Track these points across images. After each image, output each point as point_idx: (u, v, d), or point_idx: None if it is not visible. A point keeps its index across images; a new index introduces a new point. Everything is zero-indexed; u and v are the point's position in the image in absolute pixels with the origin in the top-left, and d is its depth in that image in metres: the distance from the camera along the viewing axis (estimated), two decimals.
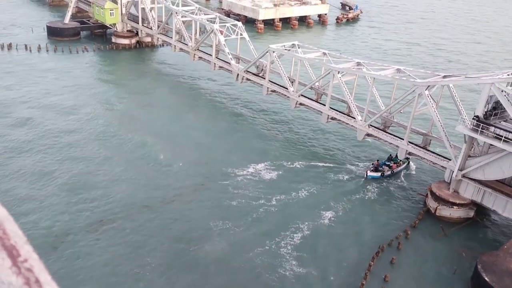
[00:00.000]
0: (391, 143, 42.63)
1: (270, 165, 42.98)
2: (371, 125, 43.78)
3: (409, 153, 41.13)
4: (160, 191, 37.88)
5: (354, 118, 44.74)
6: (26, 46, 69.02)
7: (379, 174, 42.29)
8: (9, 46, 68.72)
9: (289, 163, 43.60)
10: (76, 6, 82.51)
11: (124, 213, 34.80)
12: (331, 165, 44.05)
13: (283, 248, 32.40)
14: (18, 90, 55.18)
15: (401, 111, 45.41)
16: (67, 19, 77.25)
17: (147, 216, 34.58)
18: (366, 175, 42.10)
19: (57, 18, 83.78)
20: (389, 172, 42.65)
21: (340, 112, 47.14)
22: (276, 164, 43.14)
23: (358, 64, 46.24)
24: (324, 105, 47.51)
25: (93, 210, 34.78)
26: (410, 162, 44.96)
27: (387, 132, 43.50)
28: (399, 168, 43.73)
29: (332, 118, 47.22)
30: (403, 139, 41.16)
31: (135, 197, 36.85)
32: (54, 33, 74.95)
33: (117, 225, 33.33)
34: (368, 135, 44.07)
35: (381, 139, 43.37)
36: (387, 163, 43.78)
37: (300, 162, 43.89)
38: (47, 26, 76.20)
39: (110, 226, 33.14)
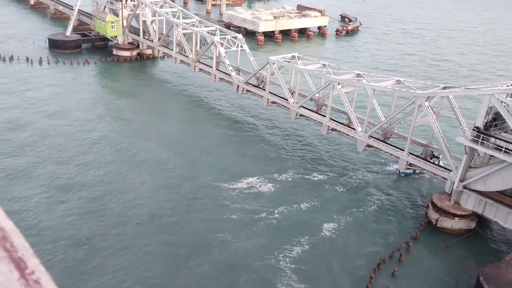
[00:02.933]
0: (391, 154, 42.63)
1: (270, 177, 42.91)
2: (371, 136, 43.83)
3: (410, 164, 41.10)
4: (154, 205, 37.46)
5: (354, 129, 44.81)
6: (27, 58, 69.43)
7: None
8: (11, 58, 69.13)
9: (288, 174, 43.55)
10: (78, 19, 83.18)
11: (117, 229, 34.06)
12: (332, 176, 44.01)
13: (283, 261, 32.18)
14: (18, 102, 55.31)
15: (402, 122, 45.50)
16: (68, 32, 77.81)
17: (141, 232, 34.15)
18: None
19: (58, 30, 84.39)
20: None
21: (340, 123, 47.22)
22: (275, 176, 43.08)
23: (358, 75, 46.46)
24: (324, 116, 47.63)
25: (81, 227, 34.18)
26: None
27: (387, 143, 43.52)
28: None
29: (332, 129, 47.31)
30: (403, 150, 41.16)
31: (131, 212, 36.68)
32: (55, 45, 75.45)
33: (107, 244, 32.44)
34: (369, 146, 44.08)
35: (381, 150, 43.38)
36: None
37: (300, 174, 43.85)
38: (49, 39, 76.73)
39: (102, 244, 32.65)
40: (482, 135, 34.12)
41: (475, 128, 34.75)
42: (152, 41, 71.58)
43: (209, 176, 42.19)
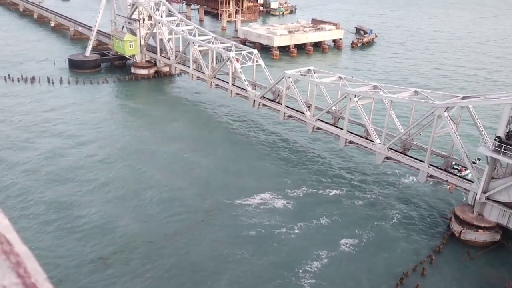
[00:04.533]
0: (411, 166, 41.99)
1: (285, 192, 42.66)
2: (390, 148, 43.33)
3: (430, 176, 40.39)
4: (168, 223, 37.40)
5: (373, 141, 44.38)
6: (48, 79, 71.13)
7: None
8: (32, 79, 70.96)
9: (303, 189, 43.23)
10: (97, 39, 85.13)
11: (131, 247, 33.97)
12: (349, 190, 43.53)
13: (303, 278, 31.74)
14: (40, 121, 56.54)
15: (421, 134, 44.89)
16: (88, 52, 79.62)
17: (155, 251, 34.06)
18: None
19: (78, 51, 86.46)
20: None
21: (358, 135, 46.86)
22: (290, 191, 42.81)
23: (375, 87, 46.17)
24: (342, 129, 47.36)
25: (92, 247, 34.15)
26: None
27: (407, 155, 42.93)
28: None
29: (350, 142, 46.96)
30: (423, 162, 40.52)
31: (145, 230, 36.72)
32: (75, 65, 77.22)
33: (121, 264, 32.26)
34: (388, 158, 43.55)
35: (401, 162, 42.79)
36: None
37: (316, 189, 43.49)
38: (69, 59, 78.60)
39: (119, 262, 32.76)
40: (504, 145, 33.39)
41: (496, 138, 34.05)
42: (169, 58, 72.68)
43: (224, 192, 42.16)
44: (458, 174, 40.74)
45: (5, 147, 49.18)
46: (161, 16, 75.11)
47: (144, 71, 76.66)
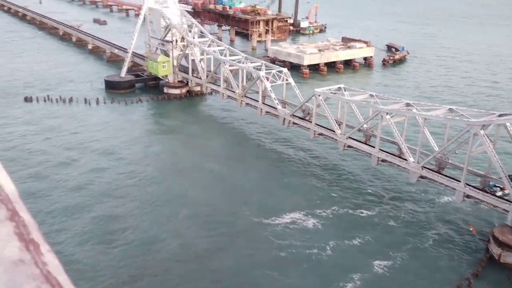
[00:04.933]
0: (447, 186, 40.71)
1: (314, 211, 42.05)
2: (424, 167, 42.22)
3: (467, 196, 38.99)
4: (197, 242, 37.36)
5: (406, 160, 43.41)
6: (85, 99, 73.56)
7: None
8: (70, 100, 73.55)
9: (334, 209, 42.51)
10: (132, 61, 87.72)
11: (160, 267, 33.98)
12: (382, 210, 42.52)
13: None
14: (78, 140, 58.35)
15: (456, 152, 43.57)
16: (123, 73, 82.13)
17: (184, 271, 33.87)
18: None
19: (114, 72, 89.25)
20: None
21: (390, 153, 45.97)
22: (321, 211, 42.16)
23: (408, 104, 45.38)
24: (374, 147, 46.61)
25: (130, 265, 34.60)
26: None
27: (442, 174, 41.68)
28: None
29: (383, 160, 46.09)
30: (459, 181, 39.22)
31: (174, 249, 36.79)
32: (111, 86, 79.69)
33: (152, 285, 32.35)
34: (422, 177, 42.41)
35: (436, 181, 41.57)
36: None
37: (347, 208, 42.69)
38: (105, 80, 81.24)
39: (151, 280, 32.89)
40: None
41: None
42: (200, 78, 74.01)
43: (252, 210, 41.96)
44: (500, 193, 39.06)
45: (47, 164, 50.83)
46: (194, 38, 76.87)
47: (176, 91, 78.25)
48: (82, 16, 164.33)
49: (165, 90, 78.81)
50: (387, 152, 46.08)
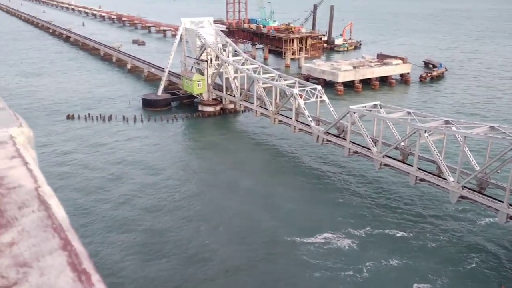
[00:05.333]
0: (489, 206, 38.89)
1: (348, 231, 41.06)
2: (465, 187, 40.58)
3: (511, 217, 37.05)
4: (228, 259, 37.10)
5: (445, 179, 41.89)
6: (124, 117, 75.69)
7: None
8: (109, 117, 75.85)
9: (369, 228, 41.36)
10: (168, 79, 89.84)
11: (192, 284, 34.09)
12: (421, 230, 41.01)
13: None
14: (116, 157, 59.87)
15: (499, 171, 41.69)
16: (160, 91, 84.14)
17: (221, 285, 33.88)
18: None
19: (151, 90, 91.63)
20: None
21: (429, 172, 44.52)
22: (354, 230, 41.10)
23: (447, 122, 44.04)
24: (411, 165, 45.30)
25: (171, 278, 35.07)
26: None
27: (484, 194, 39.89)
28: None
29: (421, 180, 44.67)
30: (502, 202, 37.38)
31: (204, 266, 36.66)
32: (148, 104, 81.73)
33: None
34: (462, 197, 40.74)
35: (477, 202, 39.82)
36: None
37: (382, 228, 41.45)
38: (142, 98, 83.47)
39: None
40: None
41: None
42: (234, 96, 74.76)
43: (285, 229, 41.41)
44: None
45: (87, 180, 52.23)
46: (228, 56, 78.03)
47: (210, 109, 79.31)
48: (122, 37, 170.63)
49: (200, 107, 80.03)
50: (425, 171, 44.67)
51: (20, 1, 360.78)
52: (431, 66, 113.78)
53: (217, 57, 78.72)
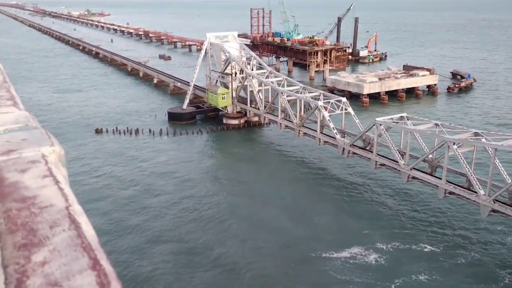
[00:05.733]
0: None
1: (375, 246, 40.14)
2: (496, 200, 39.30)
3: None
4: (251, 274, 36.78)
5: (476, 192, 40.71)
6: (150, 130, 76.97)
7: None
8: (136, 131, 77.27)
9: (396, 243, 40.37)
10: (193, 93, 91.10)
11: None
12: (450, 245, 39.81)
13: None
14: (145, 169, 60.78)
15: None
16: (185, 105, 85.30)
17: None
18: None
19: (176, 104, 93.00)
20: None
21: (459, 185, 43.39)
22: (381, 245, 40.18)
23: (476, 134, 42.97)
24: (440, 178, 44.26)
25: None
26: None
27: None
28: None
29: (450, 193, 43.56)
30: None
31: (226, 280, 36.55)
32: (174, 117, 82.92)
33: None
34: (494, 211, 39.46)
35: (509, 216, 38.47)
36: None
37: (409, 243, 40.36)
38: (168, 112, 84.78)
39: None
40: None
41: None
42: (258, 109, 75.08)
43: (312, 242, 40.94)
44: None
45: (116, 192, 53.15)
46: (252, 70, 78.65)
47: (235, 121, 79.82)
48: (148, 52, 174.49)
49: (224, 120, 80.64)
50: (455, 184, 43.56)
51: (52, 19, 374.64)
52: (459, 77, 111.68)
53: (241, 71, 79.42)
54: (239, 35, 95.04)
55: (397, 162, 48.47)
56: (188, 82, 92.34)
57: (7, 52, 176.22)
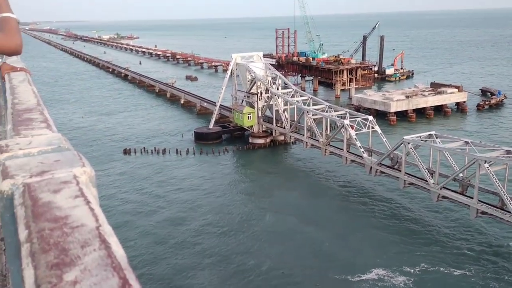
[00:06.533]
0: None
1: (402, 268, 38.91)
2: None
3: None
4: None
5: (510, 212, 39.26)
6: (177, 150, 77.98)
7: None
8: (163, 151, 78.42)
9: (426, 265, 39.09)
10: (219, 113, 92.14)
11: None
12: (481, 268, 38.29)
13: None
14: (169, 190, 61.46)
15: None
16: (211, 125, 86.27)
17: None
18: None
19: (203, 124, 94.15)
20: None
21: (492, 205, 41.97)
22: (408, 267, 38.90)
23: (508, 152, 41.70)
24: (472, 198, 42.94)
25: None
26: None
27: None
28: None
29: (483, 213, 42.15)
30: None
31: None
32: (200, 137, 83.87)
33: None
34: None
35: None
36: None
37: (440, 264, 39.07)
38: (195, 132, 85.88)
39: None
40: None
41: None
42: (284, 128, 75.14)
43: (336, 265, 40.06)
44: None
45: (145, 213, 53.85)
46: (277, 89, 79.11)
47: (260, 141, 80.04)
48: (176, 73, 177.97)
49: (250, 140, 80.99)
50: (487, 204, 42.16)
51: (83, 43, 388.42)
52: (488, 94, 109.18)
53: (267, 90, 79.98)
54: (264, 55, 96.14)
55: (426, 181, 47.38)
56: (214, 102, 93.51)
57: (42, 74, 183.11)
